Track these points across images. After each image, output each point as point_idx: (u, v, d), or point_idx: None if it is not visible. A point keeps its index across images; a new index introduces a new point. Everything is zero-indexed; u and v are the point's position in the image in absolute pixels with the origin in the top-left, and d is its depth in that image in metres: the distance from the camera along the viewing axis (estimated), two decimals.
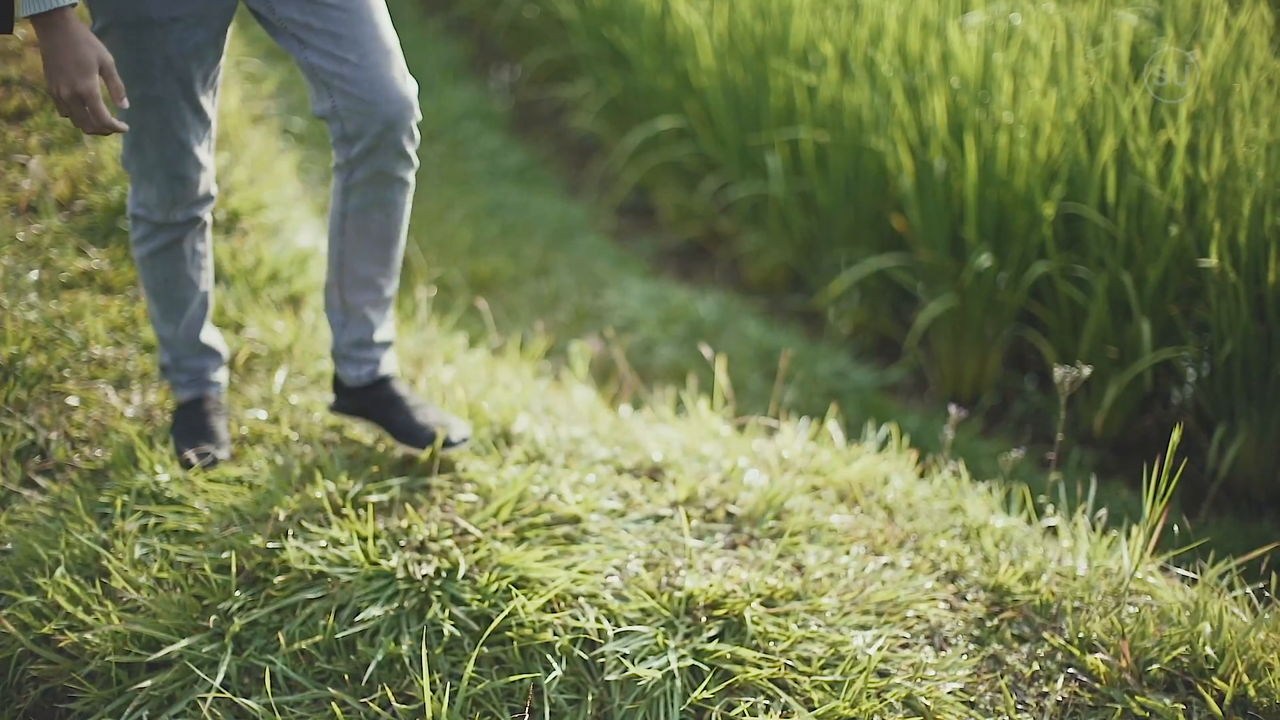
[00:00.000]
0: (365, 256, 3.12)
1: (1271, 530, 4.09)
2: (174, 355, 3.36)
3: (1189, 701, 2.65)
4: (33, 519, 3.09)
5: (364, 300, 3.19)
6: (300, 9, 2.85)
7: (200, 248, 3.25)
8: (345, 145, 2.95)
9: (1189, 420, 4.55)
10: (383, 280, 3.19)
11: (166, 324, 3.31)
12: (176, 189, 3.04)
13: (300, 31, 2.86)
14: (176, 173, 3.01)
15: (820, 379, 5.11)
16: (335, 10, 2.85)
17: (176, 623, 2.76)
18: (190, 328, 3.32)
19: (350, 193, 3.03)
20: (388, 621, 2.76)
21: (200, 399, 3.39)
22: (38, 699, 2.77)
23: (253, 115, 5.67)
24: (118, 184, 4.36)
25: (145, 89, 2.85)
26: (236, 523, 3.02)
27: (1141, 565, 2.96)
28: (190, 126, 2.96)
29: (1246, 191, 4.05)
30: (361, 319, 3.21)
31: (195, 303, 3.30)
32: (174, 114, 2.91)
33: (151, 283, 3.25)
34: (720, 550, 3.06)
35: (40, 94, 4.92)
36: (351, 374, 3.25)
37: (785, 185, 5.66)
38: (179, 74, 2.86)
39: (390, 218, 3.09)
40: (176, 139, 2.95)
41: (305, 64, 2.90)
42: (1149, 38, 4.71)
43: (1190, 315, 4.50)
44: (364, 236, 3.09)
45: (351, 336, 3.22)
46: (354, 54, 2.85)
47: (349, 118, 2.90)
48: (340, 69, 2.86)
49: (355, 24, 2.86)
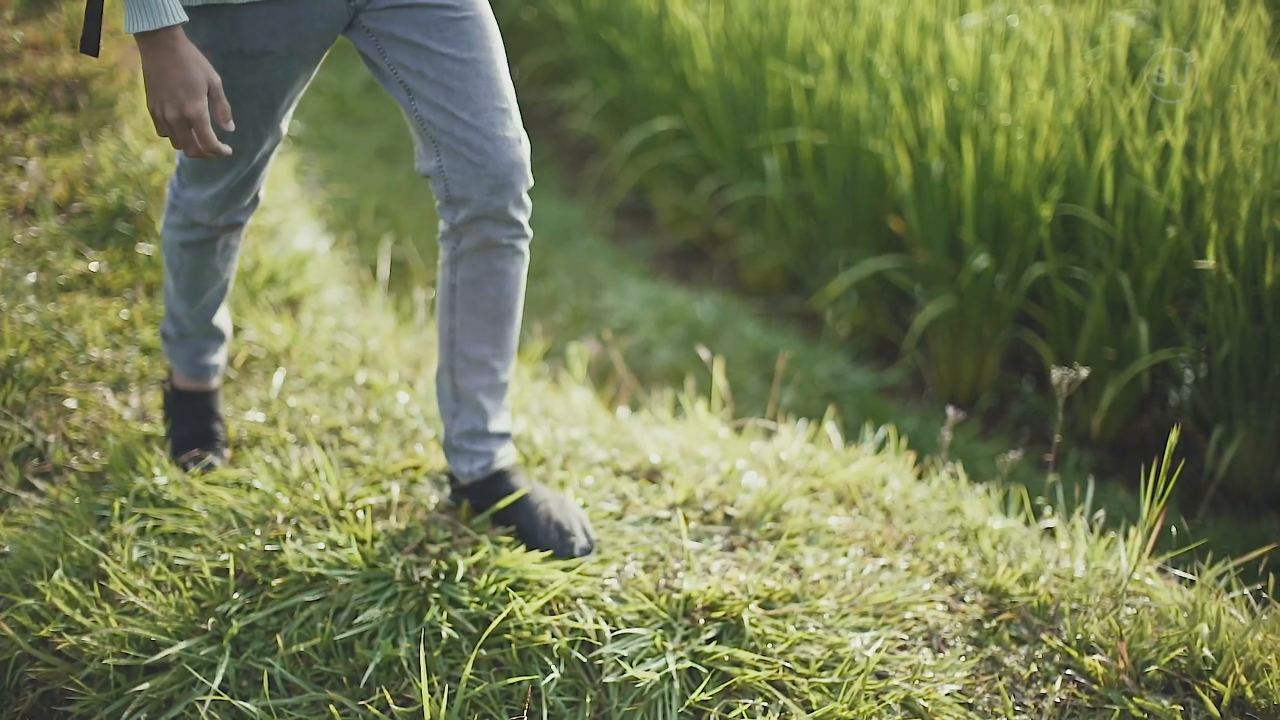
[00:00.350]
0: (477, 336, 2.93)
1: (1269, 531, 4.09)
2: (179, 330, 3.28)
3: (1187, 703, 2.65)
4: (31, 522, 3.09)
5: (477, 386, 2.98)
6: (414, 56, 2.68)
7: (234, 242, 3.13)
8: (450, 209, 2.78)
9: (1187, 421, 4.55)
10: (497, 363, 2.98)
11: (180, 301, 3.21)
12: (230, 201, 2.94)
13: (411, 80, 2.70)
14: (238, 188, 2.91)
15: (818, 381, 5.11)
16: (452, 61, 2.68)
17: (175, 625, 2.76)
18: (204, 310, 3.23)
19: (458, 263, 2.85)
20: (386, 624, 2.76)
21: (197, 393, 3.32)
22: (35, 702, 2.76)
23: None
24: (115, 186, 4.36)
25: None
26: (235, 525, 3.02)
27: (1139, 567, 2.96)
28: (264, 147, 2.84)
29: (1244, 193, 4.06)
30: (475, 407, 3.00)
31: (215, 289, 3.21)
32: (251, 136, 2.77)
33: (176, 265, 3.14)
34: (718, 552, 3.06)
35: (38, 96, 4.92)
36: (464, 469, 3.04)
37: (783, 187, 5.66)
38: (263, 101, 2.72)
39: (503, 290, 2.88)
40: (248, 159, 2.83)
41: (414, 116, 2.73)
42: (1146, 39, 4.72)
43: (1188, 316, 4.50)
44: (475, 313, 2.90)
45: (463, 427, 3.01)
46: (467, 111, 2.69)
47: (454, 179, 2.73)
48: (451, 126, 2.69)
49: (471, 78, 2.70)
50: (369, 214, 6.09)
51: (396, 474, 3.21)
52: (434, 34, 2.67)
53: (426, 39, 2.67)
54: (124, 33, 2.64)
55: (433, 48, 2.67)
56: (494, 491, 3.03)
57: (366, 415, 3.50)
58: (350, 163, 6.76)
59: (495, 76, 2.73)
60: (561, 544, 2.95)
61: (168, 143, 4.63)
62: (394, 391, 3.60)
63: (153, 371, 3.62)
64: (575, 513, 3.03)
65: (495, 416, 3.03)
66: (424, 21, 2.67)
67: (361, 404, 3.56)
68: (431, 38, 2.67)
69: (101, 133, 4.74)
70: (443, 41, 2.67)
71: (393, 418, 3.48)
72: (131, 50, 5.37)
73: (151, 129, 4.74)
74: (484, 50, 2.72)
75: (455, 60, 2.68)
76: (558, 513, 3.01)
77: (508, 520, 3.02)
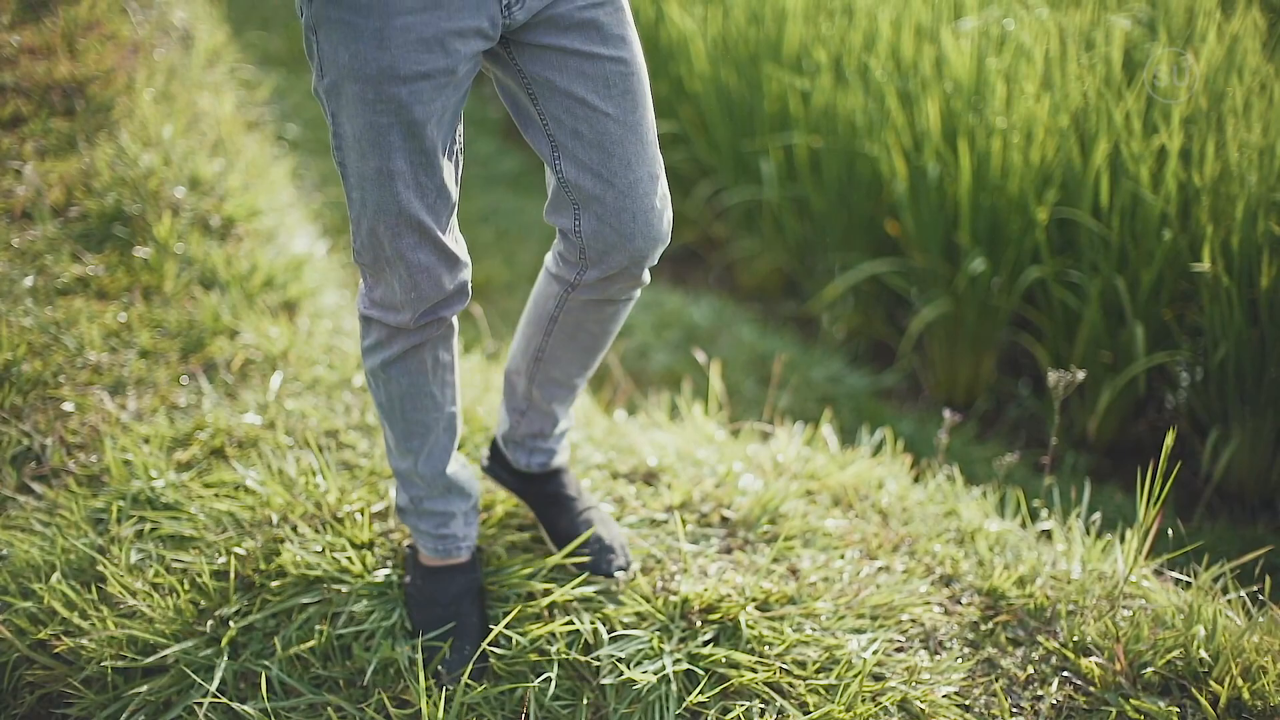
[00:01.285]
0: (566, 361, 2.80)
1: (1265, 534, 4.09)
2: (413, 494, 2.80)
3: (1183, 704, 2.66)
4: (28, 525, 3.09)
5: (554, 397, 2.87)
6: (569, 110, 2.39)
7: (445, 356, 2.65)
8: (577, 266, 2.54)
9: (1183, 424, 4.56)
10: (579, 380, 2.87)
11: (404, 455, 2.74)
12: (420, 283, 2.44)
13: (564, 137, 2.41)
14: (418, 262, 2.42)
15: (815, 384, 5.11)
16: (613, 123, 2.40)
17: (173, 628, 2.76)
18: (433, 459, 2.75)
19: (567, 302, 2.65)
20: (384, 627, 2.76)
21: (448, 570, 2.85)
22: (34, 704, 2.77)
23: (247, 121, 5.67)
24: (112, 190, 4.37)
25: (381, 161, 2.30)
26: (232, 528, 3.03)
27: (1136, 569, 2.96)
28: (433, 206, 2.38)
29: (1239, 196, 4.06)
30: (545, 413, 2.91)
31: (439, 427, 2.73)
32: (414, 190, 2.35)
33: (385, 400, 2.67)
34: (715, 554, 3.06)
35: (35, 100, 4.92)
36: (522, 460, 2.98)
37: (779, 190, 5.67)
38: (422, 142, 2.31)
39: (605, 331, 2.73)
40: (416, 221, 2.37)
41: (559, 174, 2.44)
42: (1142, 43, 4.72)
43: (1184, 319, 4.50)
44: (571, 343, 2.75)
45: (531, 428, 2.94)
46: (622, 178, 2.42)
47: (593, 245, 2.48)
48: (602, 193, 2.42)
49: (631, 142, 2.42)
50: None
51: (394, 477, 3.21)
52: (599, 89, 2.39)
53: (590, 94, 2.38)
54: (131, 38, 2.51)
55: (595, 105, 2.38)
56: (544, 487, 3.00)
57: (364, 418, 3.50)
58: None
59: (653, 140, 2.48)
60: (600, 559, 2.88)
61: (165, 147, 4.63)
62: None
63: (150, 375, 3.62)
64: (616, 530, 2.97)
65: (563, 419, 2.97)
66: (590, 74, 2.37)
67: (359, 407, 3.56)
68: (596, 93, 2.38)
69: (98, 137, 4.74)
70: (608, 99, 2.39)
71: None
72: (128, 54, 5.37)
73: (148, 132, 4.75)
74: (645, 110, 2.45)
75: (616, 122, 2.40)
76: (600, 526, 2.94)
77: (549, 521, 2.97)
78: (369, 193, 2.34)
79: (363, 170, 2.32)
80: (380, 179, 2.32)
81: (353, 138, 2.30)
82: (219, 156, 4.83)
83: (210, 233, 4.34)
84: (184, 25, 6.06)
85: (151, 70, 5.32)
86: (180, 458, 3.29)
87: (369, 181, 2.33)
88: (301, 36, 2.33)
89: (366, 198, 2.35)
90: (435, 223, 2.39)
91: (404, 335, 2.55)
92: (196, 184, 4.52)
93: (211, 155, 4.81)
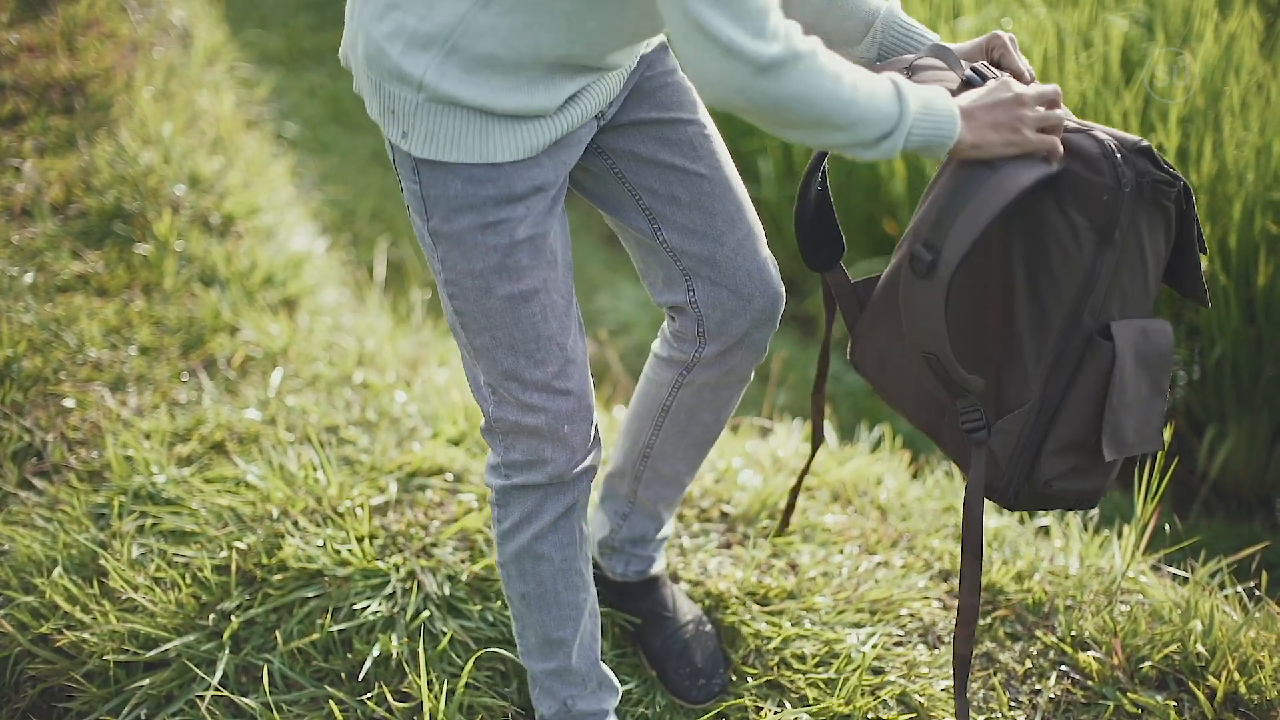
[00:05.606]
0: (677, 457, 2.61)
1: (1261, 530, 4.11)
2: (565, 696, 2.48)
3: (1180, 699, 2.67)
4: (30, 520, 3.10)
5: (660, 497, 2.68)
6: (661, 177, 2.30)
7: (586, 527, 2.38)
8: (694, 343, 2.39)
9: (1180, 422, 4.57)
10: (687, 478, 2.68)
11: (551, 653, 2.43)
12: (574, 418, 2.22)
13: (660, 204, 2.31)
14: (567, 390, 2.20)
15: (813, 381, 5.12)
16: (705, 180, 2.31)
17: (174, 622, 2.77)
18: (585, 650, 2.45)
19: (681, 389, 2.48)
20: (384, 620, 2.77)
21: None
22: (35, 698, 2.77)
23: (246, 120, 5.68)
24: (112, 188, 4.37)
25: (511, 285, 2.13)
26: (233, 523, 3.03)
27: (1133, 564, 2.97)
28: (566, 323, 2.21)
29: (1236, 195, 4.07)
30: (650, 515, 2.71)
31: (586, 610, 2.43)
32: (550, 310, 2.17)
33: (535, 588, 2.36)
34: (715, 549, 3.07)
35: (34, 98, 4.93)
36: (618, 569, 2.77)
37: (777, 189, 5.68)
38: (549, 258, 2.16)
39: (719, 417, 2.55)
40: (559, 347, 2.19)
41: (664, 244, 2.33)
42: (1139, 42, 4.74)
43: (1181, 318, 4.52)
44: (683, 435, 2.56)
45: (632, 532, 2.73)
46: (729, 235, 2.32)
47: (712, 314, 2.35)
48: (712, 253, 2.32)
49: (726, 197, 2.33)
50: (365, 216, 6.10)
51: (394, 471, 3.22)
52: (686, 153, 2.31)
53: (678, 158, 2.30)
54: None
55: (686, 167, 2.30)
56: (640, 603, 2.78)
57: (364, 414, 3.51)
58: (346, 165, 6.77)
59: (746, 195, 2.39)
60: (690, 685, 2.68)
61: (164, 145, 4.64)
62: (391, 391, 3.61)
63: (150, 371, 3.63)
64: (709, 641, 2.76)
65: (667, 524, 2.77)
66: (673, 139, 2.30)
67: (359, 403, 3.57)
68: (684, 156, 2.31)
69: (98, 135, 4.74)
70: (696, 160, 2.31)
71: (390, 416, 3.49)
72: (127, 52, 5.38)
73: (148, 130, 4.75)
74: (732, 167, 2.38)
75: (710, 181, 2.32)
76: (693, 641, 2.73)
77: (641, 635, 2.77)
78: (499, 328, 2.15)
79: (488, 306, 2.13)
80: (512, 304, 2.13)
81: (470, 273, 2.12)
82: (218, 154, 4.83)
83: (210, 230, 4.35)
84: (182, 24, 6.07)
85: (150, 68, 5.33)
86: (181, 453, 3.29)
87: (496, 314, 2.14)
88: (391, 154, 2.21)
89: (498, 335, 2.15)
90: (579, 350, 2.24)
91: (556, 495, 2.27)
92: (196, 182, 4.53)
93: (211, 153, 4.82)
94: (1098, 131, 2.10)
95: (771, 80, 1.82)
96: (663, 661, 2.69)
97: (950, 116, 1.97)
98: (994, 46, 2.20)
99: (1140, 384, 2.18)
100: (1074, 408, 2.18)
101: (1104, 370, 2.15)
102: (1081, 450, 2.21)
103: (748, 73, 1.81)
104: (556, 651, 2.41)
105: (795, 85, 1.84)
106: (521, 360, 2.16)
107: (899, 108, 1.92)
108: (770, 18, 1.81)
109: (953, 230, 2.05)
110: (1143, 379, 2.19)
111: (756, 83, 1.82)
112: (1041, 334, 2.17)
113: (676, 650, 2.70)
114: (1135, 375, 2.17)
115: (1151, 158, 2.08)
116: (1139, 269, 2.15)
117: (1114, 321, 2.14)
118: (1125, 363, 2.14)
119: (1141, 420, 2.21)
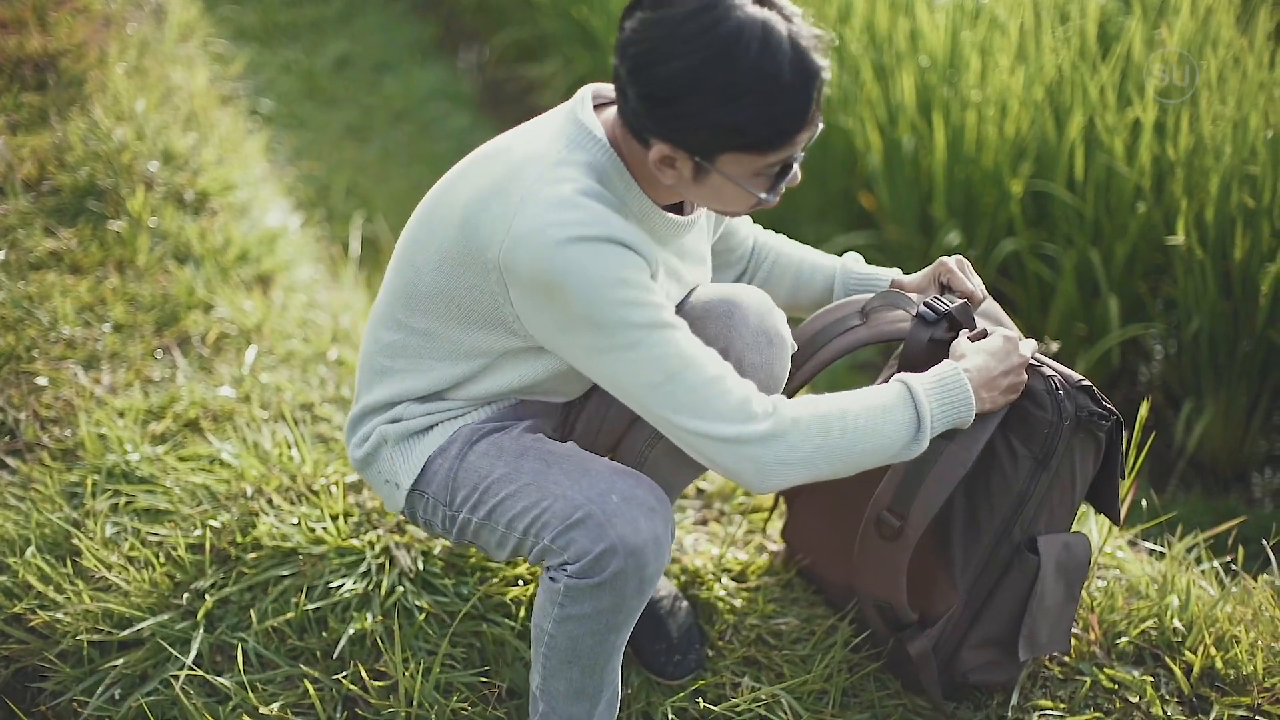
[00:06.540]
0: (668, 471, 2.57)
1: (1238, 504, 4.11)
2: None
3: (1157, 674, 2.68)
4: (2, 499, 3.08)
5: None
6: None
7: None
8: None
9: (1156, 396, 4.57)
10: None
11: (579, 701, 2.37)
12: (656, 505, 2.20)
13: None
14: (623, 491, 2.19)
15: None
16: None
17: (148, 601, 2.76)
18: (612, 706, 2.42)
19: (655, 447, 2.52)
20: (359, 598, 2.76)
21: None
22: (9, 678, 2.76)
23: (221, 96, 5.64)
24: (85, 164, 4.34)
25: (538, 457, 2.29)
26: (207, 501, 3.02)
27: (1110, 540, 2.98)
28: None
29: (1213, 169, 4.07)
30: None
31: (618, 673, 2.40)
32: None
33: (589, 648, 2.28)
34: (690, 525, 3.07)
35: (6, 74, 4.89)
36: None
37: None
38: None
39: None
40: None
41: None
42: (1116, 16, 4.73)
43: (1158, 292, 4.52)
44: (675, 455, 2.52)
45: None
46: None
47: None
48: None
49: None
50: (339, 192, 6.07)
51: None
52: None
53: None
54: None
55: None
56: None
57: (339, 391, 3.50)
58: (320, 141, 6.73)
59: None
60: (665, 662, 2.66)
61: (138, 121, 4.61)
62: None
63: (124, 349, 3.60)
64: (685, 618, 2.74)
65: None
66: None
67: (334, 380, 3.56)
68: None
69: (71, 111, 4.71)
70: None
71: None
72: (100, 27, 5.34)
73: (121, 105, 4.72)
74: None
75: None
76: (668, 617, 2.71)
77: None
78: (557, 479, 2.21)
79: (520, 467, 2.25)
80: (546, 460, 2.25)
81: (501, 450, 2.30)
82: (192, 131, 4.80)
83: (184, 207, 4.32)
84: None
85: (124, 44, 5.29)
86: (155, 431, 3.27)
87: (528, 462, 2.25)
88: None
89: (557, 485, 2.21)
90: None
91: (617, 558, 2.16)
92: (170, 158, 4.50)
93: (185, 130, 4.78)
94: (1045, 368, 2.33)
95: (780, 446, 2.05)
96: (638, 638, 2.66)
97: (965, 400, 2.20)
98: (941, 274, 2.48)
99: (1057, 591, 2.44)
100: (997, 609, 2.44)
101: (1028, 580, 2.41)
102: (999, 646, 2.47)
103: (755, 451, 2.03)
104: (583, 702, 2.36)
105: (805, 439, 2.06)
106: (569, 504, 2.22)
107: (914, 412, 2.16)
108: (751, 403, 2.04)
109: (917, 499, 2.31)
110: (1060, 587, 2.45)
111: (769, 453, 2.05)
112: (973, 548, 2.41)
113: (652, 627, 2.67)
114: (1054, 584, 2.43)
115: (1091, 395, 2.33)
116: (1068, 489, 2.41)
117: (1040, 535, 2.40)
118: (1047, 573, 2.40)
119: (1054, 624, 2.48)
